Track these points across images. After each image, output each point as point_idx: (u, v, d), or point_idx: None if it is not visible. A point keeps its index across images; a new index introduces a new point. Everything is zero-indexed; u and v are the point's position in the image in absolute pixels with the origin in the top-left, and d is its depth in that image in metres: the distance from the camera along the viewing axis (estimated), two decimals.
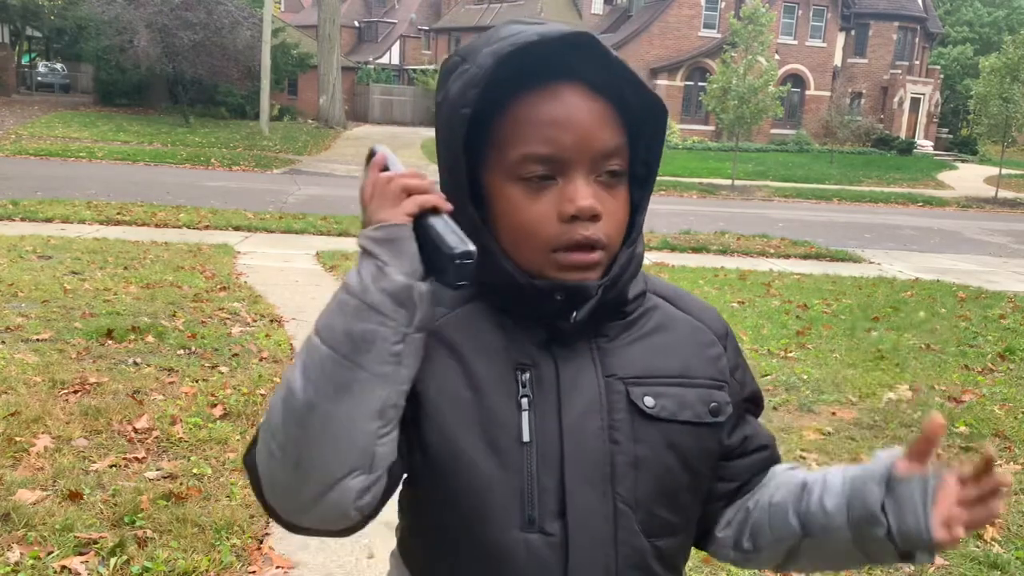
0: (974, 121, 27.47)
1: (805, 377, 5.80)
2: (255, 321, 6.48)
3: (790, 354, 6.43)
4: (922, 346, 6.93)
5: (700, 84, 35.92)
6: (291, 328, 6.37)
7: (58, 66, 42.84)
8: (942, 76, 46.52)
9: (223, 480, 3.71)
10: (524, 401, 0.94)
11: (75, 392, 4.62)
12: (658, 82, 37.84)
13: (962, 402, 5.46)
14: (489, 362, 0.96)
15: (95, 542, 3.11)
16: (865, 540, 0.94)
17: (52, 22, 35.92)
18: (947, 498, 0.89)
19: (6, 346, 5.33)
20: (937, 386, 5.81)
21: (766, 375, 5.76)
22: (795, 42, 39.99)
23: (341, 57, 34.68)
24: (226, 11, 27.34)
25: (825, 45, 40.96)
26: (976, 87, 26.81)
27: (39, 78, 40.53)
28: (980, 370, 6.34)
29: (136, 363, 5.20)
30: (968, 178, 31.18)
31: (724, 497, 1.08)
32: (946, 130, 47.56)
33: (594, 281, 0.95)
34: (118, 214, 11.28)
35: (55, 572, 2.92)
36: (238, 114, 31.73)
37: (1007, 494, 0.91)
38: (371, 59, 52.26)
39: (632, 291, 1.01)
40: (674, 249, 11.84)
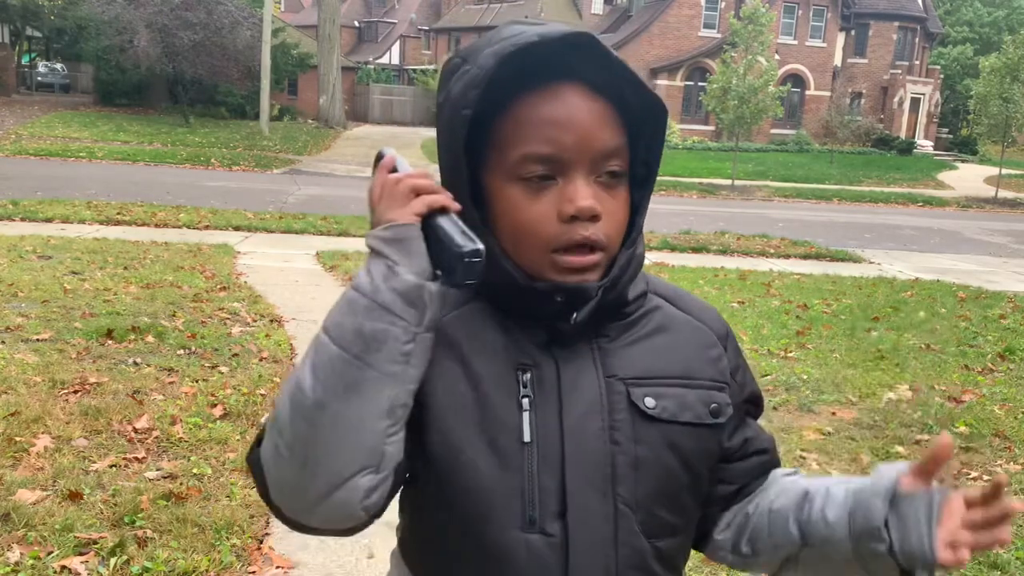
0: (974, 121, 27.47)
1: (805, 377, 5.80)
2: (255, 321, 6.48)
3: (790, 354, 6.43)
4: (922, 346, 6.93)
5: (700, 84, 35.92)
6: (291, 328, 6.37)
7: (58, 66, 42.83)
8: (942, 76, 46.52)
9: (223, 480, 3.71)
10: (525, 401, 0.94)
11: (75, 392, 4.62)
12: (658, 82, 37.84)
13: (962, 402, 5.46)
14: (490, 362, 0.96)
15: (95, 542, 3.11)
16: (865, 555, 0.93)
17: (52, 22, 35.91)
18: (952, 518, 0.87)
19: (6, 346, 5.33)
20: (937, 386, 5.81)
21: (766, 375, 5.76)
22: (795, 42, 40.00)
23: (341, 57, 34.68)
24: (226, 11, 27.35)
25: (825, 45, 40.96)
26: (976, 87, 26.81)
27: (39, 78, 40.53)
28: (980, 370, 6.34)
29: (136, 363, 5.20)
30: (968, 178, 31.19)
31: (723, 500, 1.08)
32: (946, 130, 47.56)
33: (593, 283, 0.95)
34: (118, 214, 11.28)
35: (55, 572, 2.92)
36: (238, 114, 31.73)
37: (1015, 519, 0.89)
38: (371, 59, 52.27)
39: (633, 292, 1.01)
40: (674, 249, 11.84)
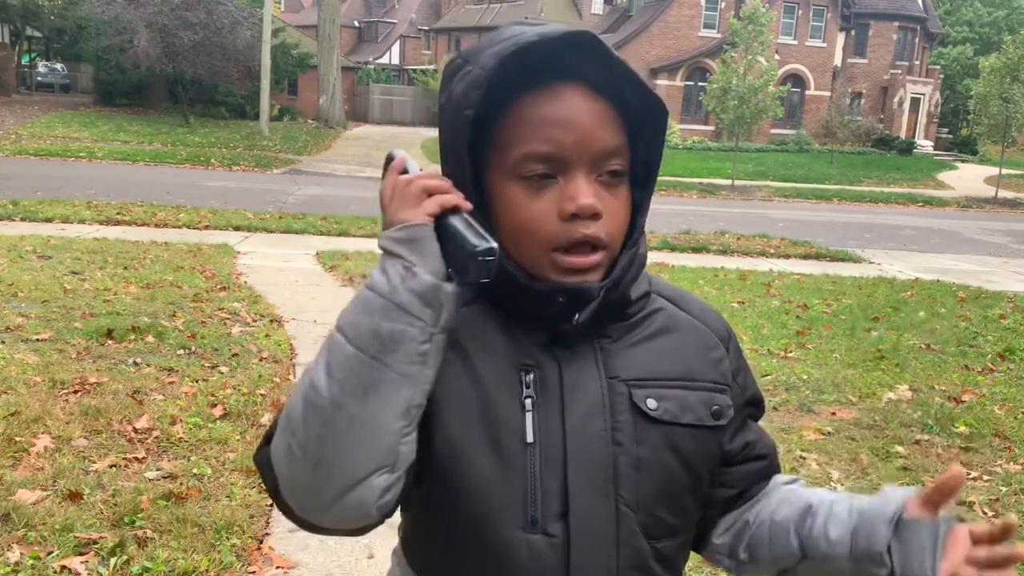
0: (974, 121, 27.49)
1: (805, 377, 5.80)
2: (255, 321, 6.48)
3: (790, 354, 6.43)
4: (922, 346, 6.93)
5: (700, 84, 35.93)
6: (291, 328, 6.37)
7: (58, 66, 42.84)
8: (942, 76, 46.53)
9: (223, 480, 3.71)
10: (528, 402, 0.94)
11: (75, 392, 4.62)
12: (658, 82, 37.84)
13: (962, 402, 5.46)
14: (493, 362, 0.96)
15: (95, 542, 3.11)
16: None
17: (52, 22, 35.90)
18: (957, 551, 0.86)
19: (6, 346, 5.33)
20: (937, 386, 5.81)
21: (766, 375, 5.76)
22: (795, 42, 40.00)
23: (341, 57, 34.68)
24: (226, 11, 27.36)
25: (825, 45, 40.96)
26: (976, 87, 26.83)
27: (39, 78, 40.54)
28: (980, 370, 6.34)
29: (136, 363, 5.20)
30: (968, 178, 31.21)
31: (723, 503, 1.08)
32: (946, 130, 47.57)
33: (595, 283, 0.95)
34: (118, 214, 11.28)
35: (55, 572, 2.92)
36: (238, 114, 31.74)
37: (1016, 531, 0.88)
38: (371, 59, 52.27)
39: (635, 292, 1.01)
40: (674, 249, 11.84)
